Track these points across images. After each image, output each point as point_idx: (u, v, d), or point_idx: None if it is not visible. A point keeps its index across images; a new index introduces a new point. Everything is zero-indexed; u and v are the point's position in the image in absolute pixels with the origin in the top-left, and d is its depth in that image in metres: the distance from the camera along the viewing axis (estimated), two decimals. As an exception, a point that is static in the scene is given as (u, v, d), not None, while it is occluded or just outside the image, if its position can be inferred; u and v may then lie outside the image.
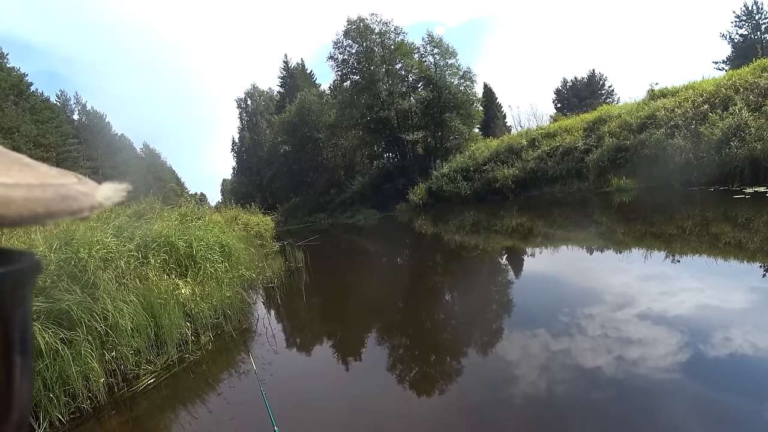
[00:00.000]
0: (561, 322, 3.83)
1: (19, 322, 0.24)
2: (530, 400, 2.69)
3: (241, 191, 50.75)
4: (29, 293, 0.25)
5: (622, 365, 2.85)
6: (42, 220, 0.23)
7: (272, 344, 4.58)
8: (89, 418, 3.25)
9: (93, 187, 0.27)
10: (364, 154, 34.87)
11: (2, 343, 0.24)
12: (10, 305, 0.23)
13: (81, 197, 0.25)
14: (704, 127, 11.42)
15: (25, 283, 0.25)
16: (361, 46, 28.54)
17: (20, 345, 0.24)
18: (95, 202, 0.26)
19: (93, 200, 0.26)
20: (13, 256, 0.24)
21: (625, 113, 15.43)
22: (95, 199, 0.26)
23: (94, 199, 0.26)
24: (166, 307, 4.24)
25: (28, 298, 0.25)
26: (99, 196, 0.27)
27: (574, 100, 41.25)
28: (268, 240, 13.45)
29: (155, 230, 5.36)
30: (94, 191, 0.27)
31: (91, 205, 0.26)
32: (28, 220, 0.22)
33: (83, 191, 0.26)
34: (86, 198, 0.26)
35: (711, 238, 5.81)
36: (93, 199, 0.26)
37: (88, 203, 0.26)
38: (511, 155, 19.41)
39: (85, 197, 0.25)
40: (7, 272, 0.23)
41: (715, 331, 3.10)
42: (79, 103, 48.33)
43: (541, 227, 9.99)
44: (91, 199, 0.26)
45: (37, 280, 0.27)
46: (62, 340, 3.16)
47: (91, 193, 0.26)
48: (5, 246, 0.25)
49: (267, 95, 55.40)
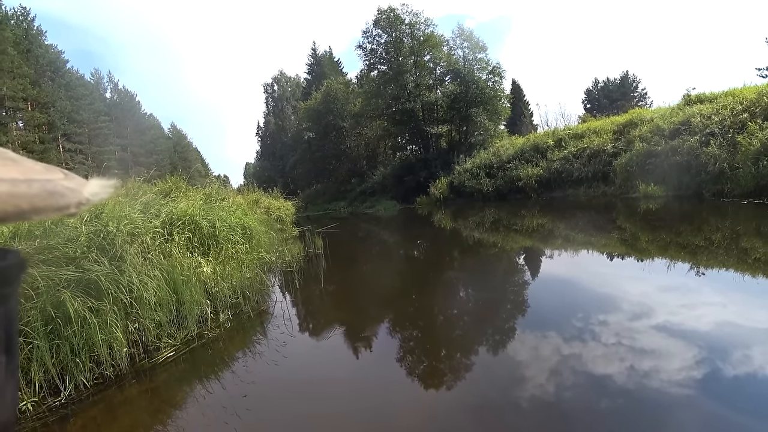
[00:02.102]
0: (575, 327, 3.80)
1: (4, 321, 0.23)
2: (538, 402, 2.69)
3: (263, 175, 51.59)
4: (15, 291, 0.24)
5: (633, 376, 2.81)
6: (27, 216, 0.22)
7: (288, 327, 4.69)
8: (111, 385, 3.41)
9: (80, 182, 0.26)
10: (387, 145, 34.85)
11: None
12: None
13: (67, 193, 0.25)
14: (742, 136, 10.93)
15: (10, 281, 0.24)
16: (391, 36, 28.36)
17: (5, 344, 0.23)
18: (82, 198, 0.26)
19: (80, 196, 0.25)
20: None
21: (657, 118, 14.92)
22: (82, 195, 0.26)
23: (81, 195, 0.26)
24: (188, 284, 4.38)
25: (14, 296, 0.24)
26: (86, 192, 0.26)
27: (605, 101, 40.16)
28: (288, 225, 13.63)
29: (180, 209, 5.51)
30: (81, 187, 0.26)
31: (78, 201, 0.25)
32: (13, 216, 0.22)
33: (70, 187, 0.25)
34: (73, 194, 0.25)
35: (740, 253, 5.62)
36: (80, 195, 0.25)
37: (75, 199, 0.25)
38: (536, 154, 19.08)
39: (71, 193, 0.25)
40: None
41: (736, 349, 3.02)
42: (112, 81, 50.02)
43: (563, 229, 9.84)
44: (78, 195, 0.25)
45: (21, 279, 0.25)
46: (90, 309, 3.32)
47: (78, 189, 0.25)
48: None
49: (294, 81, 55.84)
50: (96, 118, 42.82)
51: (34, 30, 39.58)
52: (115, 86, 50.06)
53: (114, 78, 50.57)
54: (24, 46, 37.28)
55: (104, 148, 43.42)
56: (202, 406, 3.11)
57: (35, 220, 0.24)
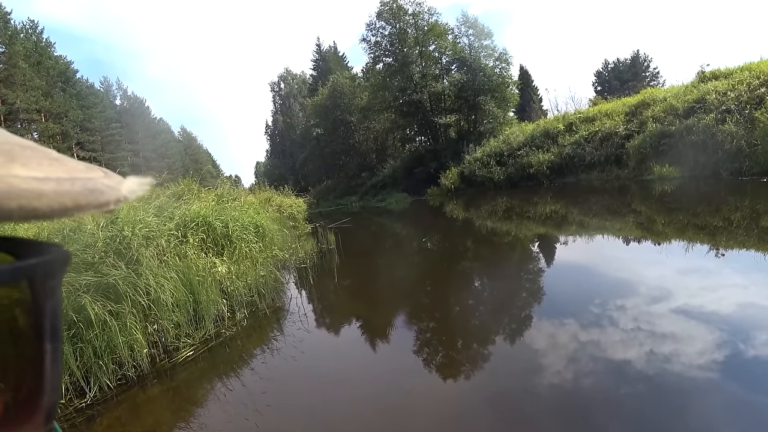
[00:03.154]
0: (592, 313, 3.76)
1: (50, 311, 0.25)
2: (556, 390, 2.67)
3: (274, 174, 51.91)
4: (59, 284, 0.26)
5: (653, 361, 2.77)
6: (71, 212, 0.23)
7: (303, 323, 4.73)
8: (133, 385, 3.49)
9: (118, 180, 0.28)
10: (396, 138, 34.64)
11: (34, 331, 0.25)
12: (42, 296, 0.25)
13: (107, 190, 0.26)
14: (760, 112, 10.60)
15: (55, 275, 0.25)
16: (394, 27, 28.10)
17: (50, 333, 0.25)
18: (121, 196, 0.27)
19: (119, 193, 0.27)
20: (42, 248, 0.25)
21: (671, 97, 14.54)
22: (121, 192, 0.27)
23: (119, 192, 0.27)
24: (203, 284, 4.45)
25: (58, 289, 0.26)
26: (124, 189, 0.27)
27: (616, 82, 39.28)
28: (300, 222, 13.71)
29: (193, 210, 5.58)
30: (120, 185, 0.27)
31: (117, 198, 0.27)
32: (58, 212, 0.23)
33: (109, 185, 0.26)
34: (112, 191, 0.26)
35: (761, 232, 5.48)
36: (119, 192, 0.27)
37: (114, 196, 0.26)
38: (547, 140, 18.81)
39: (111, 190, 0.26)
40: (39, 263, 0.24)
41: (758, 330, 2.96)
42: (121, 88, 50.58)
43: (576, 215, 9.71)
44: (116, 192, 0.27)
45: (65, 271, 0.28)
46: (110, 312, 3.39)
47: (116, 187, 0.27)
48: (35, 239, 0.26)
49: (300, 78, 55.85)
50: (107, 126, 43.53)
51: (43, 42, 40.27)
52: (125, 93, 50.76)
53: (123, 85, 51.22)
54: (34, 59, 37.96)
55: (117, 154, 44.12)
56: (223, 403, 3.16)
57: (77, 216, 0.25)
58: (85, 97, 42.23)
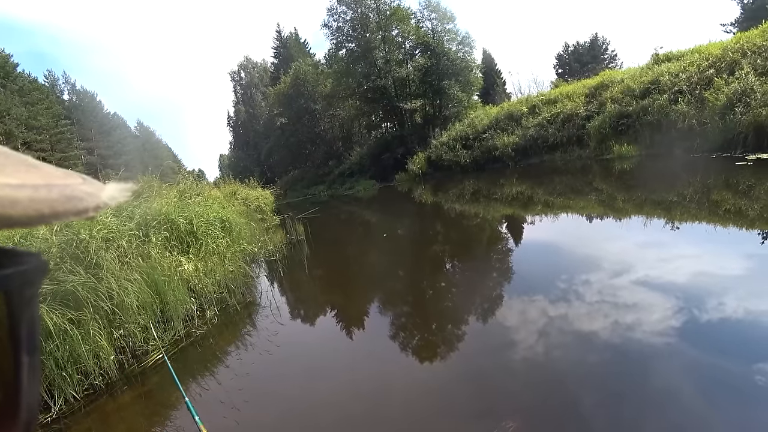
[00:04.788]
0: (559, 289, 3.90)
1: (27, 322, 0.24)
2: (530, 364, 2.77)
3: (239, 166, 50.56)
4: (37, 294, 0.25)
5: (618, 330, 2.93)
6: (48, 220, 0.23)
7: (276, 316, 4.68)
8: (102, 394, 3.36)
9: (98, 187, 0.27)
10: (362, 125, 34.35)
11: (10, 343, 0.24)
12: (18, 306, 0.24)
13: (86, 197, 0.25)
14: (709, 92, 11.14)
15: (33, 284, 0.25)
16: (356, 12, 27.64)
17: (27, 345, 0.24)
18: (100, 202, 0.26)
19: (98, 200, 0.26)
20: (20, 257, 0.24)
21: (627, 78, 15.05)
22: (100, 198, 0.26)
23: (99, 198, 0.26)
24: (170, 284, 4.30)
25: (36, 299, 0.25)
26: (104, 196, 0.27)
27: (576, 65, 40.28)
28: (268, 214, 13.47)
29: (154, 208, 5.36)
30: (99, 191, 0.27)
31: (96, 205, 0.26)
32: (35, 220, 0.22)
33: (88, 191, 0.26)
34: (91, 198, 0.26)
35: (711, 206, 5.81)
36: (98, 198, 0.26)
37: (93, 203, 0.26)
38: (511, 123, 19.13)
39: (90, 197, 0.26)
40: (15, 273, 0.23)
41: (711, 297, 3.16)
42: (68, 82, 47.02)
43: (541, 195, 9.98)
44: (96, 199, 0.26)
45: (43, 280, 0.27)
46: (70, 321, 3.23)
47: (96, 193, 0.26)
48: (12, 247, 0.25)
49: (261, 67, 54.23)
50: (56, 123, 40.68)
51: (-26, 33, 37.02)
52: (73, 87, 47.26)
53: (71, 79, 47.43)
54: (-36, 53, 34.92)
55: (69, 153, 41.50)
56: (199, 404, 3.08)
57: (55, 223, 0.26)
58: (29, 92, 39.27)
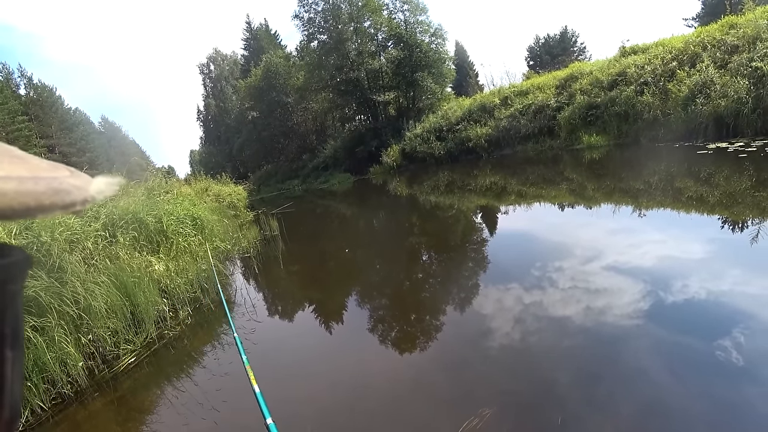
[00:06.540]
0: (534, 277, 3.99)
1: (11, 317, 0.24)
2: (506, 350, 2.83)
3: (210, 161, 49.28)
4: (20, 289, 0.25)
5: (590, 314, 3.03)
6: (33, 213, 0.23)
7: (253, 314, 4.61)
8: (71, 403, 3.23)
9: (86, 180, 0.26)
10: (335, 117, 34.01)
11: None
12: (1, 301, 0.23)
13: (74, 190, 0.24)
14: (672, 84, 11.60)
15: (16, 279, 0.24)
16: (328, 3, 27.22)
17: (11, 340, 0.24)
18: (88, 196, 0.26)
19: (86, 194, 0.25)
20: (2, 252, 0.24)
21: (596, 70, 15.46)
22: (88, 192, 0.26)
23: (87, 192, 0.26)
24: (140, 285, 4.16)
25: (19, 294, 0.25)
26: (92, 189, 0.26)
27: (547, 57, 41.05)
28: (241, 210, 13.23)
29: (121, 207, 5.16)
30: (87, 185, 0.26)
31: (84, 199, 0.25)
32: (20, 213, 0.22)
33: (76, 184, 0.25)
34: (79, 191, 0.25)
35: (675, 193, 6.05)
36: (86, 192, 0.25)
37: (81, 197, 0.25)
38: (484, 114, 19.34)
39: (77, 190, 0.25)
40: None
41: (675, 279, 3.30)
42: (24, 76, 44.28)
43: (514, 185, 10.16)
44: (83, 192, 0.25)
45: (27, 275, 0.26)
46: (33, 328, 3.08)
47: (84, 187, 0.25)
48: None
49: (231, 59, 52.87)
50: (12, 119, 38.47)
51: None
52: (29, 81, 44.58)
53: (27, 72, 44.76)
54: None
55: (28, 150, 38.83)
56: (176, 406, 3.01)
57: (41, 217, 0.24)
58: (-21, 87, 37.11)
